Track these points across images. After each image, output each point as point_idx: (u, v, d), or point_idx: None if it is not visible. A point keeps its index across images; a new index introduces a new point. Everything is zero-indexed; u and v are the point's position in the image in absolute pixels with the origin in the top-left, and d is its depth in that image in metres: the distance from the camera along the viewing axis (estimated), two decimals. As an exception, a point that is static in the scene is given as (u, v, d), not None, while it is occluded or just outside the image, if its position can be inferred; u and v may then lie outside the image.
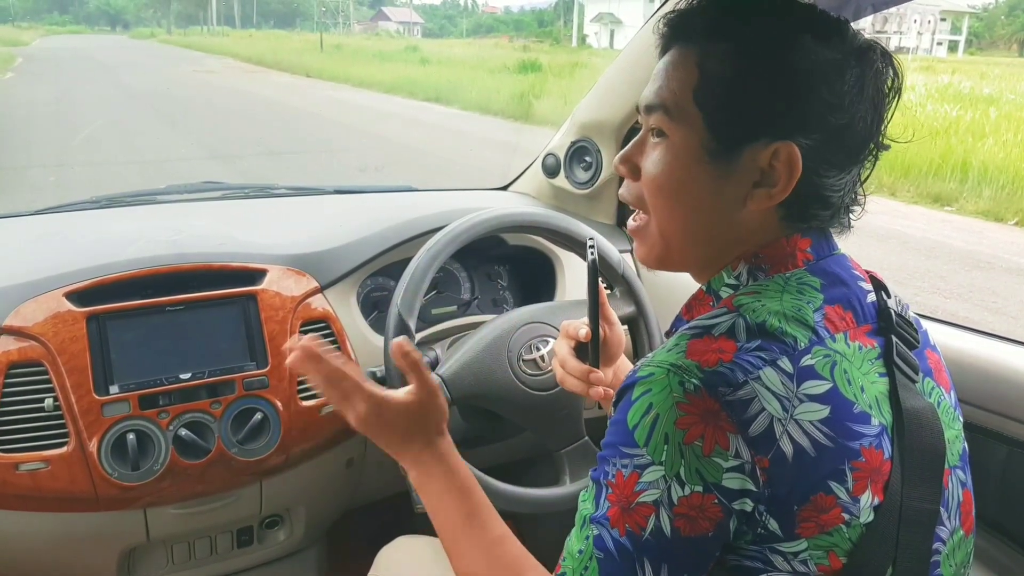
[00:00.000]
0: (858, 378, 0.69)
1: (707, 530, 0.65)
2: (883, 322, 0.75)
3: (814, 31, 0.72)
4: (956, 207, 7.99)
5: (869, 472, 0.67)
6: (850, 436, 0.67)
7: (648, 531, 0.65)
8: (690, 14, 0.77)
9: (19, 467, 1.17)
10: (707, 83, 0.73)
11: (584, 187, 1.83)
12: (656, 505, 0.64)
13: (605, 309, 1.07)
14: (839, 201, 0.75)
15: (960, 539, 0.77)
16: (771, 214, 0.75)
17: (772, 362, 0.66)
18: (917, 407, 0.72)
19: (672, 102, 0.75)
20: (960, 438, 0.80)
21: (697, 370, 0.65)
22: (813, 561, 0.66)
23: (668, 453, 0.64)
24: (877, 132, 0.74)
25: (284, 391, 1.32)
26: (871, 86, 0.72)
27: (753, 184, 0.73)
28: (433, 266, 1.23)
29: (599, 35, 57.48)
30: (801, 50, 0.71)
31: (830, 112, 0.71)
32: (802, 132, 0.71)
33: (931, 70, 20.66)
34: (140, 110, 13.63)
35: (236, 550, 1.48)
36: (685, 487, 0.64)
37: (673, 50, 0.77)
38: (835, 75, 0.70)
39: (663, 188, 0.77)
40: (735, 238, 0.77)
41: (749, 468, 0.64)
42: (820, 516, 0.65)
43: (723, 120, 0.73)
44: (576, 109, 1.82)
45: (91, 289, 1.27)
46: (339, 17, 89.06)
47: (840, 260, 0.78)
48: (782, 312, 0.69)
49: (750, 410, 0.64)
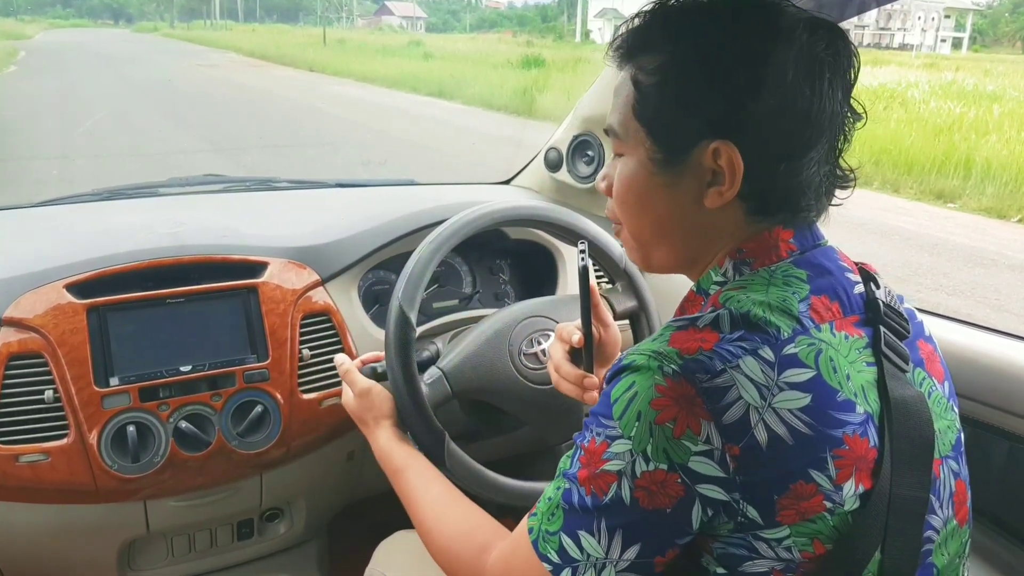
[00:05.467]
0: (844, 366, 0.70)
1: (666, 505, 0.67)
2: (871, 312, 0.76)
3: (734, 24, 0.73)
4: (959, 204, 7.98)
5: (854, 460, 0.68)
6: (832, 424, 0.67)
7: (609, 496, 0.68)
8: (627, 36, 0.79)
9: (19, 459, 1.17)
10: (642, 98, 0.77)
11: (586, 181, 1.82)
12: (619, 475, 0.68)
13: (599, 311, 1.07)
14: (801, 188, 0.74)
15: (953, 529, 0.77)
16: (735, 210, 0.76)
17: (753, 351, 0.67)
18: (905, 395, 0.73)
19: (618, 123, 0.80)
20: (953, 428, 0.80)
21: (677, 356, 0.68)
22: (797, 548, 0.67)
23: (638, 430, 0.67)
24: (824, 108, 0.72)
25: (285, 384, 1.32)
26: (796, 65, 0.71)
27: (706, 184, 0.75)
28: (434, 260, 1.23)
29: (603, 30, 57.38)
30: (719, 47, 0.72)
31: (755, 102, 0.71)
32: (735, 128, 0.72)
33: (935, 67, 20.61)
34: (143, 104, 13.63)
35: (236, 543, 1.48)
36: (650, 463, 0.66)
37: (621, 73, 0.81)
38: (757, 63, 0.71)
39: (625, 201, 0.82)
40: (706, 236, 0.79)
41: (718, 455, 0.65)
42: (800, 504, 0.66)
43: (661, 130, 0.76)
44: (579, 103, 1.81)
45: (92, 281, 1.27)
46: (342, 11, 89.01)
47: (827, 252, 0.78)
48: (767, 303, 0.71)
49: (726, 398, 0.66)
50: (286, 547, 1.55)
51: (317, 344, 1.37)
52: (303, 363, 1.35)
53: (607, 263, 1.35)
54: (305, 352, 1.35)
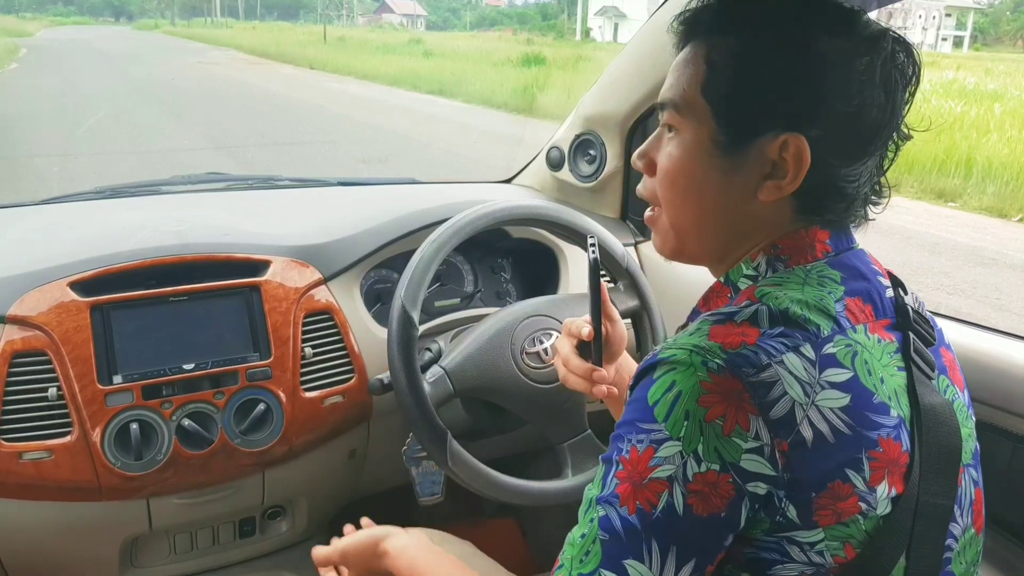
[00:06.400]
0: (878, 369, 0.69)
1: (720, 509, 0.64)
2: (901, 318, 0.75)
3: (823, 21, 0.72)
4: (960, 203, 7.97)
5: (887, 463, 0.67)
6: (869, 425, 0.67)
7: (660, 508, 0.63)
8: (701, 11, 0.78)
9: (22, 456, 1.17)
10: (715, 77, 0.74)
11: (588, 180, 1.82)
12: (670, 481, 0.63)
13: (607, 306, 1.07)
14: (854, 192, 0.75)
15: (971, 537, 0.77)
16: (785, 206, 0.75)
17: (795, 348, 0.66)
18: (935, 403, 0.72)
19: (681, 98, 0.77)
20: (973, 437, 0.80)
21: (720, 351, 0.65)
22: (829, 552, 0.66)
23: (688, 429, 0.63)
24: (892, 120, 0.73)
25: (287, 382, 1.32)
26: (882, 72, 0.71)
27: (764, 176, 0.74)
28: (437, 258, 1.23)
29: (603, 28, 57.36)
30: (809, 40, 0.71)
31: (838, 101, 0.71)
32: (811, 123, 0.71)
33: (936, 66, 20.57)
34: (144, 101, 13.62)
35: (238, 541, 1.48)
36: (702, 464, 0.63)
37: (686, 47, 0.78)
38: (843, 64, 0.70)
39: (675, 182, 0.78)
40: (748, 230, 0.77)
41: (768, 451, 0.63)
42: (837, 504, 0.65)
43: (731, 113, 0.74)
44: (580, 102, 1.81)
45: (95, 279, 1.27)
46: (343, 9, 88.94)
47: (859, 255, 0.78)
48: (804, 301, 0.70)
49: (772, 393, 0.64)
50: (288, 545, 1.55)
51: (319, 342, 1.38)
52: (305, 361, 1.35)
53: (609, 262, 1.35)
54: (307, 350, 1.35)
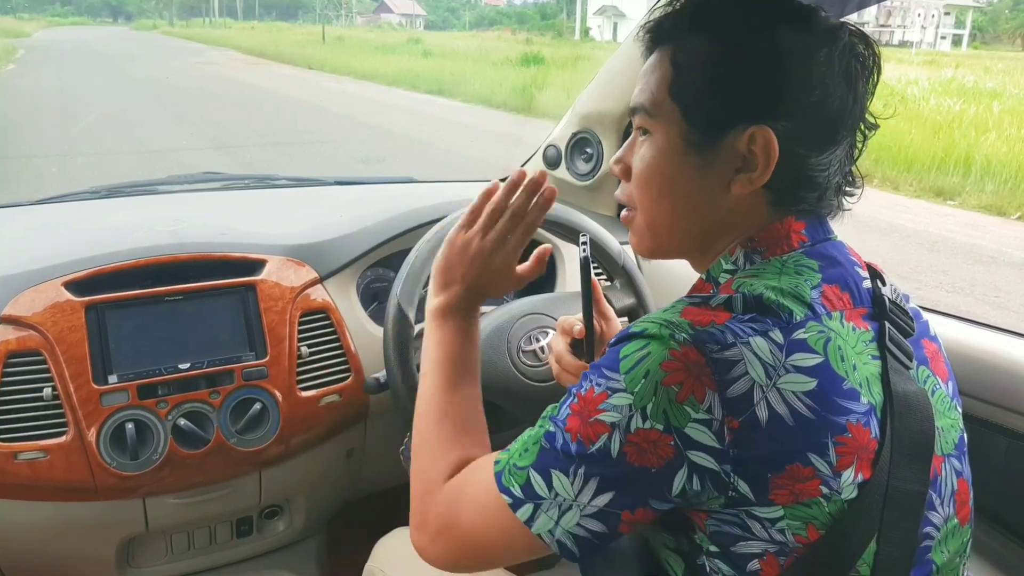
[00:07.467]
0: (851, 356, 0.70)
1: (653, 465, 0.67)
2: (877, 308, 0.77)
3: (782, 18, 0.75)
4: (959, 201, 7.97)
5: (855, 449, 0.68)
6: (836, 411, 0.68)
7: (596, 447, 0.68)
8: (663, 18, 0.80)
9: (18, 456, 1.17)
10: (681, 77, 0.77)
11: (585, 179, 1.82)
12: (612, 427, 0.67)
13: (600, 304, 1.08)
14: (825, 182, 0.77)
15: (954, 527, 0.78)
16: (759, 198, 0.77)
17: (763, 332, 0.68)
18: (908, 390, 0.73)
19: (651, 101, 0.80)
20: (957, 427, 0.81)
21: (689, 327, 0.68)
22: (791, 531, 0.67)
23: (643, 387, 0.67)
24: (854, 108, 0.76)
25: (283, 381, 1.32)
26: (840, 62, 0.74)
27: (736, 170, 0.76)
28: (433, 257, 1.23)
29: (602, 28, 57.35)
30: (769, 36, 0.74)
31: (801, 92, 0.73)
32: (776, 115, 0.74)
33: (935, 64, 20.61)
34: (142, 101, 13.62)
35: (235, 540, 1.48)
36: (647, 421, 0.66)
37: (653, 54, 0.81)
38: (804, 56, 0.73)
39: (649, 182, 0.81)
40: (724, 225, 0.79)
41: (717, 426, 0.66)
42: (796, 485, 0.66)
43: (699, 111, 0.77)
44: (577, 100, 1.81)
45: (90, 279, 1.27)
46: (341, 9, 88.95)
47: (837, 245, 0.79)
48: (779, 288, 0.72)
49: (734, 371, 0.66)
50: (285, 544, 1.55)
51: (315, 342, 1.37)
52: (301, 360, 1.35)
53: (606, 260, 1.35)
54: (303, 349, 1.35)
